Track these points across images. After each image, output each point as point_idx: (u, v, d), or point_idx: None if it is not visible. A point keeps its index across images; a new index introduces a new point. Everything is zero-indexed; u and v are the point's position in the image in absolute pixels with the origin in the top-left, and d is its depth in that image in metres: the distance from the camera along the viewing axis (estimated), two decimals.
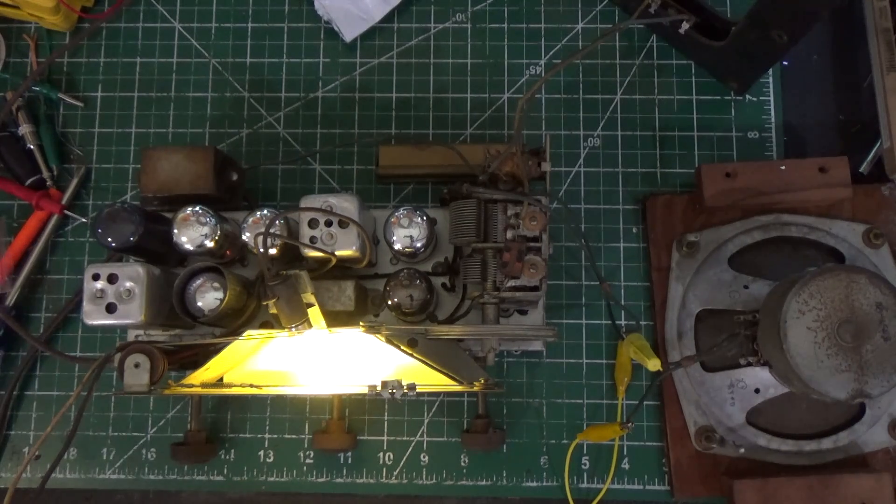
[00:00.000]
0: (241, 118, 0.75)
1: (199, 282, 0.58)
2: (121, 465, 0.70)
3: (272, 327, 0.58)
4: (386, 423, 0.70)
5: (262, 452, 0.69)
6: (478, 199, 0.59)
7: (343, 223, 0.58)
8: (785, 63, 0.74)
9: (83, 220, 0.73)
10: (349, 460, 0.69)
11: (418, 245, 0.61)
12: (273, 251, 0.59)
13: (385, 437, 0.69)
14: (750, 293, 0.67)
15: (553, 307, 0.70)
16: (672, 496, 0.67)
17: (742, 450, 0.66)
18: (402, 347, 0.56)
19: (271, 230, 0.56)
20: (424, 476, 0.69)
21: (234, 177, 0.67)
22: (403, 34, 0.76)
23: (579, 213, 0.72)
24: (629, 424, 0.65)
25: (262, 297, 0.57)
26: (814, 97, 0.74)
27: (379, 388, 0.54)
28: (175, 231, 0.60)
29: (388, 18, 0.75)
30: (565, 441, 0.69)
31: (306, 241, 0.58)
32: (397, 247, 0.61)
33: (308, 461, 0.69)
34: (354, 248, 0.58)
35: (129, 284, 0.57)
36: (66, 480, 0.69)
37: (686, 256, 0.69)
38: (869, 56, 0.72)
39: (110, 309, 0.57)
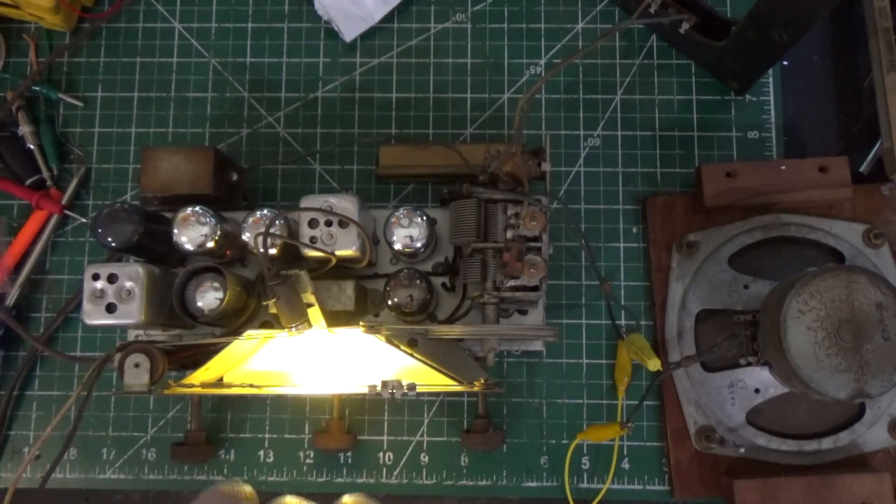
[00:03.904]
0: (241, 118, 0.75)
1: (198, 282, 0.58)
2: (121, 465, 0.70)
3: (272, 327, 0.58)
4: (386, 423, 0.70)
5: (262, 452, 0.69)
6: (478, 199, 0.59)
7: (343, 223, 0.58)
8: (785, 63, 0.74)
9: (83, 220, 0.73)
10: (349, 460, 0.69)
11: (418, 245, 0.61)
12: (273, 251, 0.59)
13: (385, 437, 0.69)
14: (750, 293, 0.67)
15: (553, 307, 0.70)
16: (672, 496, 0.67)
17: (742, 450, 0.66)
18: (402, 347, 0.56)
19: (271, 230, 0.56)
20: (424, 476, 0.69)
21: (234, 177, 0.67)
22: (403, 34, 0.76)
23: (579, 213, 0.72)
24: (629, 424, 0.66)
25: (262, 297, 0.57)
26: (814, 97, 0.74)
27: (379, 388, 0.54)
28: (175, 231, 0.60)
29: (388, 18, 0.75)
30: (565, 441, 0.69)
31: (306, 241, 0.58)
32: (397, 247, 0.61)
33: (308, 461, 0.69)
34: (354, 248, 0.58)
35: (129, 284, 0.57)
36: (66, 480, 0.69)
37: (686, 256, 0.69)
38: (869, 56, 0.72)
39: (110, 309, 0.57)
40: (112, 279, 0.57)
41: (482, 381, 0.62)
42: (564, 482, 0.68)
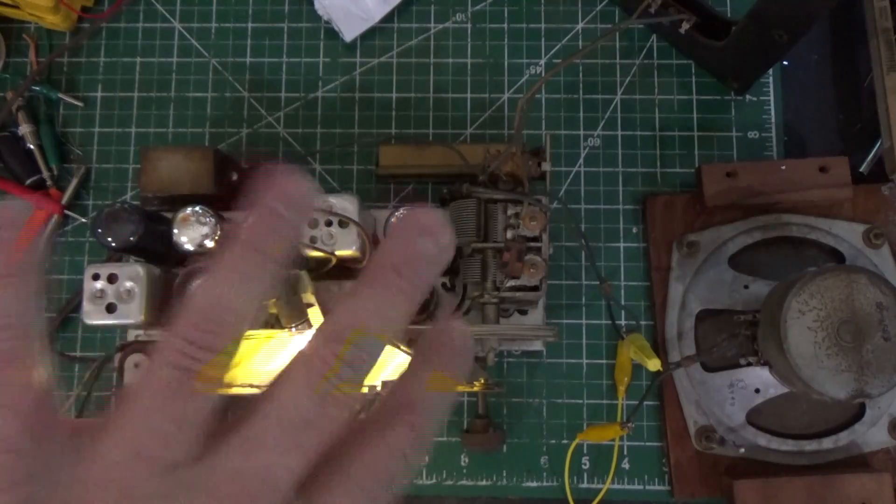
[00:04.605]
0: (241, 118, 0.75)
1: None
2: None
3: (272, 327, 0.58)
4: None
5: None
6: (478, 199, 0.59)
7: (343, 223, 0.58)
8: (785, 63, 0.74)
9: (83, 220, 0.73)
10: None
11: None
12: None
13: None
14: (750, 293, 0.67)
15: (553, 307, 0.70)
16: (672, 496, 0.67)
17: (742, 450, 0.66)
18: (401, 347, 0.56)
19: None
20: (424, 476, 0.69)
21: (234, 177, 0.67)
22: (403, 34, 0.76)
23: (579, 213, 0.72)
24: (629, 424, 0.66)
25: None
26: (814, 97, 0.74)
27: (379, 388, 0.54)
28: (175, 231, 0.60)
29: (388, 18, 0.75)
30: (565, 441, 0.69)
31: (306, 241, 0.58)
32: None
33: None
34: (354, 248, 0.58)
35: (129, 284, 0.57)
36: None
37: (686, 256, 0.69)
38: (869, 56, 0.72)
39: (110, 309, 0.57)
40: (112, 279, 0.57)
41: (482, 381, 0.62)
42: (564, 482, 0.68)
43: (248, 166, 0.72)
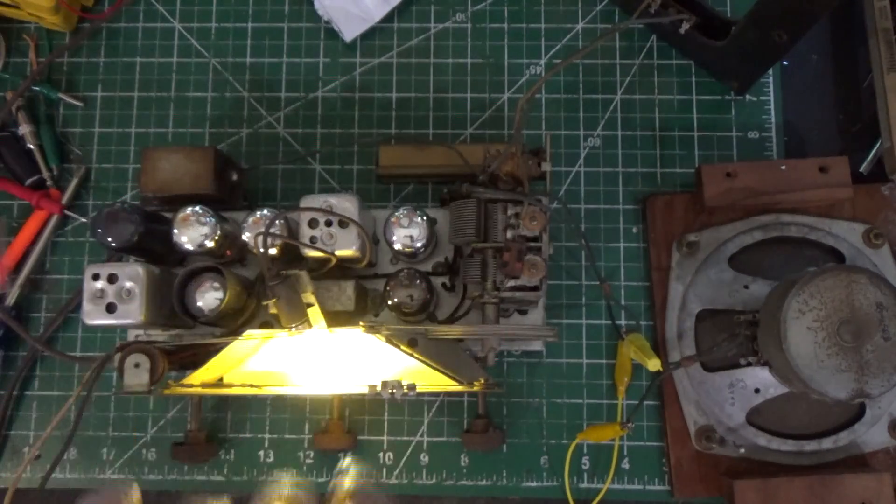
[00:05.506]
0: (241, 118, 0.75)
1: (198, 282, 0.58)
2: (121, 465, 0.70)
3: (272, 327, 0.58)
4: (386, 423, 0.70)
5: (262, 452, 0.69)
6: (478, 199, 0.59)
7: (343, 223, 0.58)
8: (785, 63, 0.75)
9: (83, 220, 0.73)
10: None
11: (418, 245, 0.61)
12: (273, 251, 0.59)
13: (385, 437, 0.69)
14: (750, 293, 0.67)
15: (553, 307, 0.70)
16: (672, 496, 0.67)
17: (742, 450, 0.66)
18: (402, 347, 0.56)
19: (271, 230, 0.56)
20: (424, 476, 0.69)
21: (234, 177, 0.67)
22: (403, 34, 0.76)
23: (579, 213, 0.72)
24: (629, 424, 0.66)
25: (262, 297, 0.57)
26: (814, 97, 0.74)
27: (379, 388, 0.54)
28: (175, 231, 0.60)
29: (388, 18, 0.75)
30: (565, 441, 0.69)
31: (306, 241, 0.58)
32: (397, 247, 0.61)
33: (308, 461, 0.69)
34: (354, 248, 0.58)
35: (129, 284, 0.57)
36: (67, 480, 0.69)
37: (686, 256, 0.69)
38: (869, 56, 0.72)
39: (110, 309, 0.57)
40: (112, 279, 0.57)
41: (482, 381, 0.62)
42: (564, 482, 0.68)
43: (247, 166, 0.72)
